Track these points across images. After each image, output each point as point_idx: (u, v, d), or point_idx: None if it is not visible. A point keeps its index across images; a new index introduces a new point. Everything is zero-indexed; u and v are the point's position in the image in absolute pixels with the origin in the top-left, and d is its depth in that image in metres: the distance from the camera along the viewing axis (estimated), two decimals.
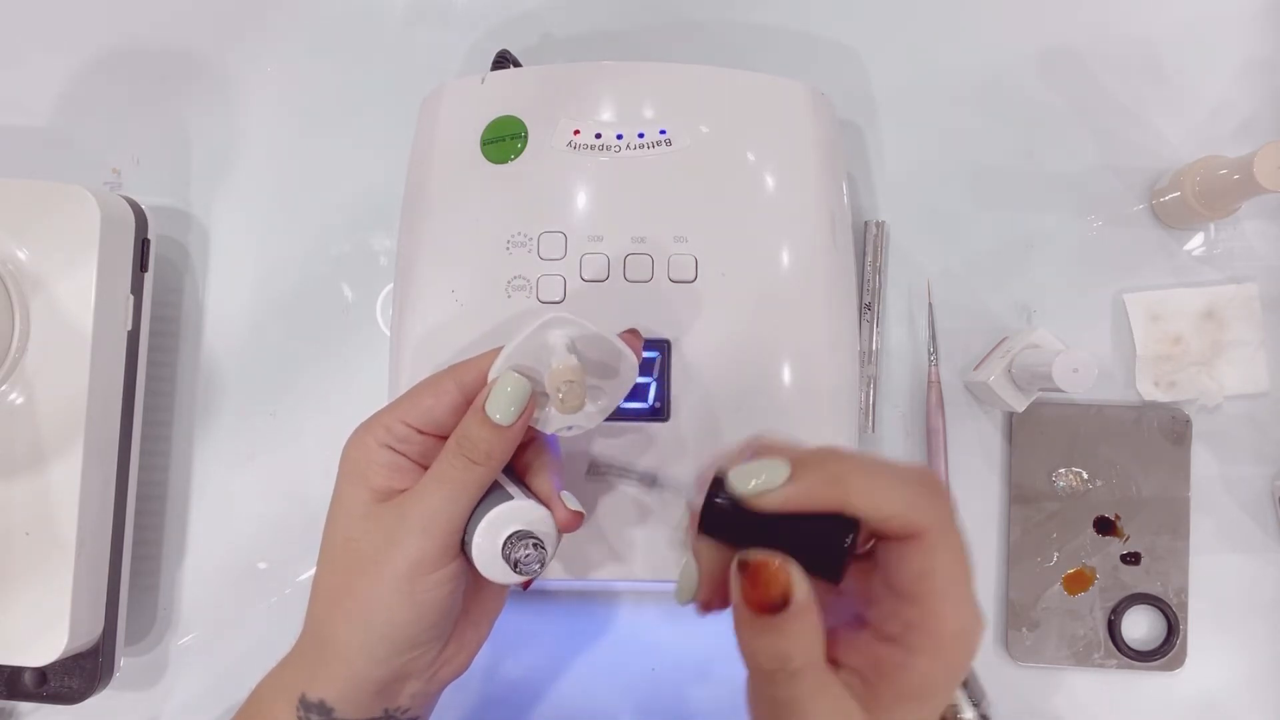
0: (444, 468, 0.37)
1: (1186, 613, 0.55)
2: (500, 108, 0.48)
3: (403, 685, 0.39)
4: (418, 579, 0.36)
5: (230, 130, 0.59)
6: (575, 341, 0.37)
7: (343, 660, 0.37)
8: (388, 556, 0.36)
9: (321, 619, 0.38)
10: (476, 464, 0.36)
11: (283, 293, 0.58)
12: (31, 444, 0.49)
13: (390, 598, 0.36)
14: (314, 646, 0.39)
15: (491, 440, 0.36)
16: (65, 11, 0.60)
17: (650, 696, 0.56)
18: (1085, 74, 0.58)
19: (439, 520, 0.36)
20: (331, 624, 0.38)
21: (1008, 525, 0.56)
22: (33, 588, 0.49)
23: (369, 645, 0.37)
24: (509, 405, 0.36)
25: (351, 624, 0.37)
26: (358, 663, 0.37)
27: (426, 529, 0.36)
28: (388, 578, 0.36)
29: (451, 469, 0.36)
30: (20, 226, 0.49)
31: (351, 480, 0.38)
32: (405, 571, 0.36)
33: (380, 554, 0.36)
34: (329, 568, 0.38)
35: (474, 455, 0.36)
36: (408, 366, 0.47)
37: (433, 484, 0.37)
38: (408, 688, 0.39)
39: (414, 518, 0.36)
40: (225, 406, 0.58)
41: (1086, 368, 0.49)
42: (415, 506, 0.36)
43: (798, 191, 0.48)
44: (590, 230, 0.46)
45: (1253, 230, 0.57)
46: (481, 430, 0.36)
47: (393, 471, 0.38)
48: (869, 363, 0.56)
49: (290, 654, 0.40)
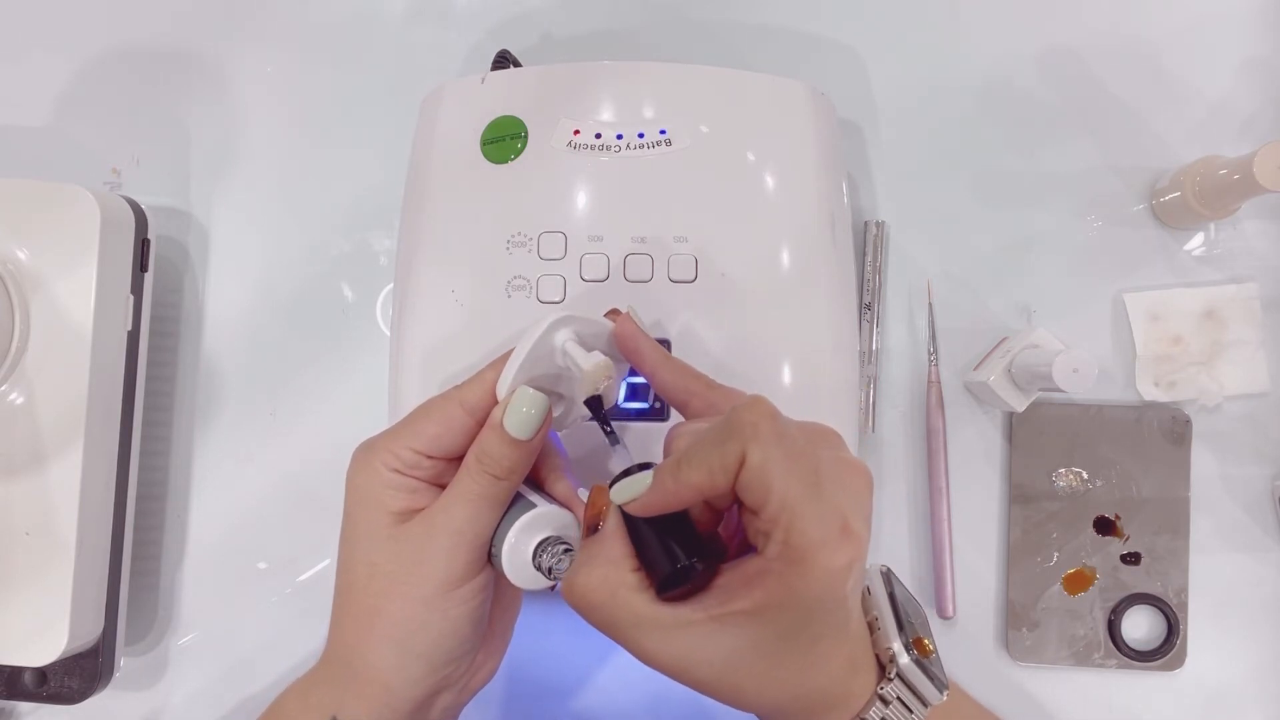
0: (467, 484, 0.37)
1: (1186, 613, 0.55)
2: (500, 108, 0.48)
3: (436, 699, 0.39)
4: (450, 595, 0.36)
5: (230, 130, 0.59)
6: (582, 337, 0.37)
7: (379, 683, 0.37)
8: (418, 576, 0.36)
9: (350, 644, 0.38)
10: (500, 479, 0.36)
11: (283, 292, 0.58)
12: (31, 444, 0.49)
13: (424, 616, 0.36)
14: (344, 669, 0.38)
15: (513, 456, 0.36)
16: (65, 11, 0.60)
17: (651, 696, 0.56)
18: (1085, 74, 0.58)
19: (466, 536, 0.36)
20: (363, 648, 0.37)
21: (1008, 525, 0.56)
22: (33, 588, 0.49)
23: (405, 666, 0.37)
24: (529, 420, 0.36)
25: (385, 646, 0.37)
26: (395, 684, 0.37)
27: (455, 546, 0.36)
28: (420, 597, 0.36)
29: (476, 484, 0.37)
30: (20, 226, 0.49)
31: (365, 505, 0.38)
32: (437, 589, 0.36)
33: (410, 574, 0.36)
34: (353, 592, 0.38)
35: (496, 471, 0.36)
36: (408, 366, 0.47)
37: (457, 502, 0.37)
38: (440, 701, 0.39)
39: (441, 536, 0.36)
40: (225, 406, 0.58)
41: (1086, 368, 0.49)
42: (442, 525, 0.37)
43: (798, 191, 0.48)
44: (590, 230, 0.46)
45: (1253, 230, 0.57)
46: (502, 447, 0.36)
47: (407, 494, 0.38)
48: (869, 363, 0.56)
49: (314, 674, 0.39)
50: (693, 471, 0.33)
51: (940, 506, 0.55)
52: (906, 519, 0.56)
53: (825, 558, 0.32)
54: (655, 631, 0.33)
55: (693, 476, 0.33)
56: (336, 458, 0.39)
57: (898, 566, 0.56)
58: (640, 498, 0.34)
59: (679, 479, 0.33)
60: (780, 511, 0.31)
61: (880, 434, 0.56)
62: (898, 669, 0.36)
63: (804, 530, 0.31)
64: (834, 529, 0.32)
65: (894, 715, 0.35)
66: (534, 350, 0.37)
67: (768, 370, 0.46)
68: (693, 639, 0.33)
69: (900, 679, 0.36)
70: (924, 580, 0.56)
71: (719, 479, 0.32)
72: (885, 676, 0.36)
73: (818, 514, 0.32)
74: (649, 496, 0.34)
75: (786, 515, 0.31)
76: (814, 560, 0.31)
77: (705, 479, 0.33)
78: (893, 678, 0.35)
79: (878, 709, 0.35)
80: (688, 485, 0.33)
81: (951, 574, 0.55)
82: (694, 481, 0.33)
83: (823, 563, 0.32)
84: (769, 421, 0.32)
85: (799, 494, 0.31)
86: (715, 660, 0.33)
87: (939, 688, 0.36)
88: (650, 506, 0.34)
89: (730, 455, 0.32)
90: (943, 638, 0.55)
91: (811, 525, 0.31)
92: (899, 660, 0.36)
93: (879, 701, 0.35)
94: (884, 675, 0.36)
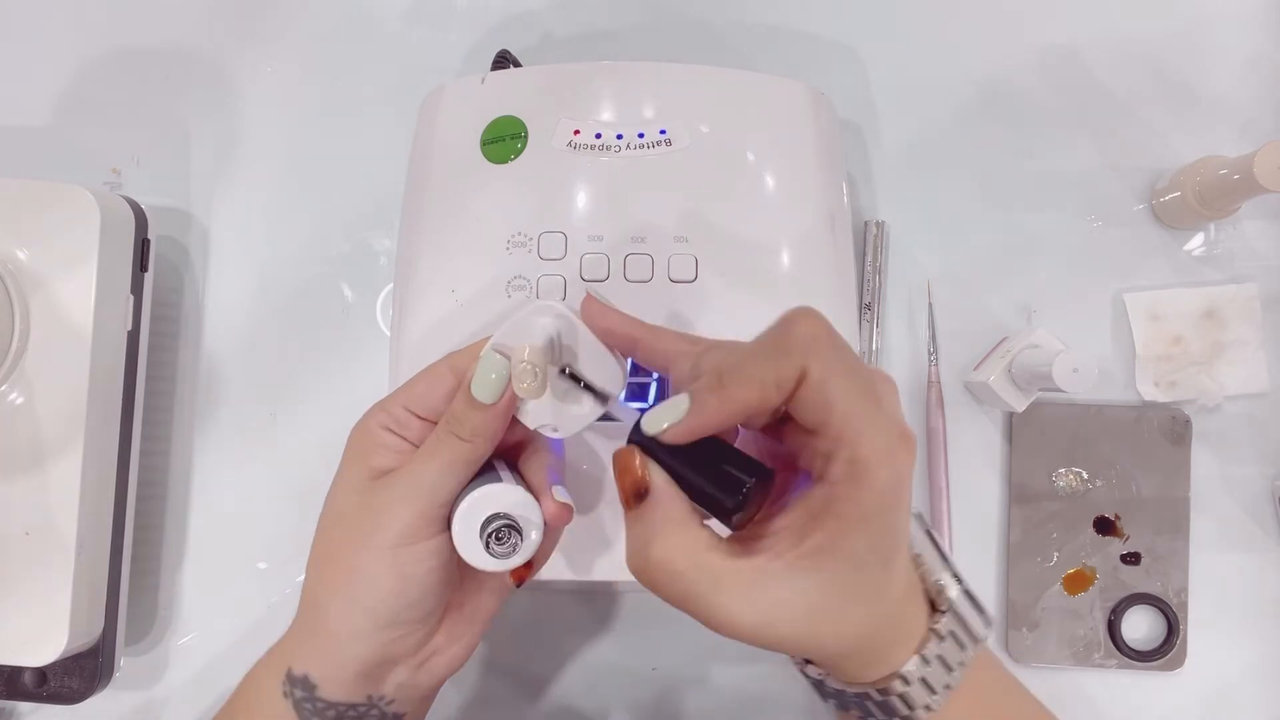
0: (433, 443, 0.37)
1: (1186, 613, 0.55)
2: (500, 108, 0.48)
3: (387, 671, 0.39)
4: (401, 551, 0.36)
5: (230, 130, 0.59)
6: (563, 335, 0.37)
7: (328, 633, 0.38)
8: (372, 526, 0.37)
9: (311, 591, 0.39)
10: (463, 440, 0.37)
11: (283, 292, 0.58)
12: (31, 444, 0.49)
13: (373, 568, 0.36)
14: (303, 620, 0.39)
15: (476, 418, 0.37)
16: (65, 11, 0.60)
17: (651, 696, 0.56)
18: (1085, 74, 0.58)
19: (424, 492, 0.37)
20: (317, 597, 0.38)
21: (1008, 525, 0.56)
22: (33, 588, 0.49)
23: (351, 616, 0.37)
24: (492, 385, 0.36)
25: (336, 595, 0.37)
26: (341, 635, 0.37)
27: (410, 499, 0.37)
28: (370, 547, 0.37)
29: (440, 444, 0.37)
30: (20, 226, 0.49)
31: (351, 459, 0.39)
32: (388, 542, 0.36)
33: (365, 524, 0.37)
34: (318, 542, 0.39)
35: (460, 432, 0.37)
36: (408, 367, 0.47)
37: (420, 458, 0.37)
38: (393, 675, 0.39)
39: (400, 488, 0.37)
40: (225, 406, 0.58)
41: (1086, 368, 0.49)
42: (402, 478, 0.37)
43: (798, 191, 0.48)
44: (590, 230, 0.46)
45: (1253, 230, 0.57)
46: (467, 410, 0.37)
47: (392, 452, 0.38)
48: (869, 363, 0.56)
49: (287, 631, 0.40)
50: (741, 388, 0.31)
51: (940, 506, 0.55)
52: None
53: (891, 467, 0.31)
54: (738, 592, 0.32)
55: (741, 393, 0.31)
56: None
57: None
58: (680, 422, 0.32)
59: (725, 397, 0.31)
60: (845, 427, 0.31)
61: None
62: (950, 601, 0.35)
63: (871, 443, 0.30)
64: (895, 437, 0.31)
65: (948, 652, 0.34)
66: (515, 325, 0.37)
67: None
68: (776, 592, 0.32)
69: (952, 612, 0.35)
70: None
71: (771, 395, 0.31)
72: (937, 610, 0.35)
73: (881, 426, 0.31)
74: (691, 420, 0.32)
75: (852, 431, 0.30)
76: (880, 472, 0.31)
77: (756, 395, 0.31)
78: (945, 610, 0.34)
79: (934, 645, 0.34)
80: (735, 402, 0.31)
81: None
82: (742, 398, 0.31)
83: (889, 473, 0.31)
84: (828, 335, 0.31)
85: (863, 409, 0.31)
86: (797, 611, 0.32)
87: (985, 623, 0.36)
88: (692, 431, 0.32)
89: (788, 370, 0.31)
90: None
91: (878, 437, 0.31)
92: (949, 592, 0.35)
93: (935, 637, 0.34)
94: (935, 610, 0.35)
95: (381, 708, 0.39)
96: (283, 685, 0.38)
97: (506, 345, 0.37)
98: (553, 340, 0.37)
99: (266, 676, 0.39)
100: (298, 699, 0.38)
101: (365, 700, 0.39)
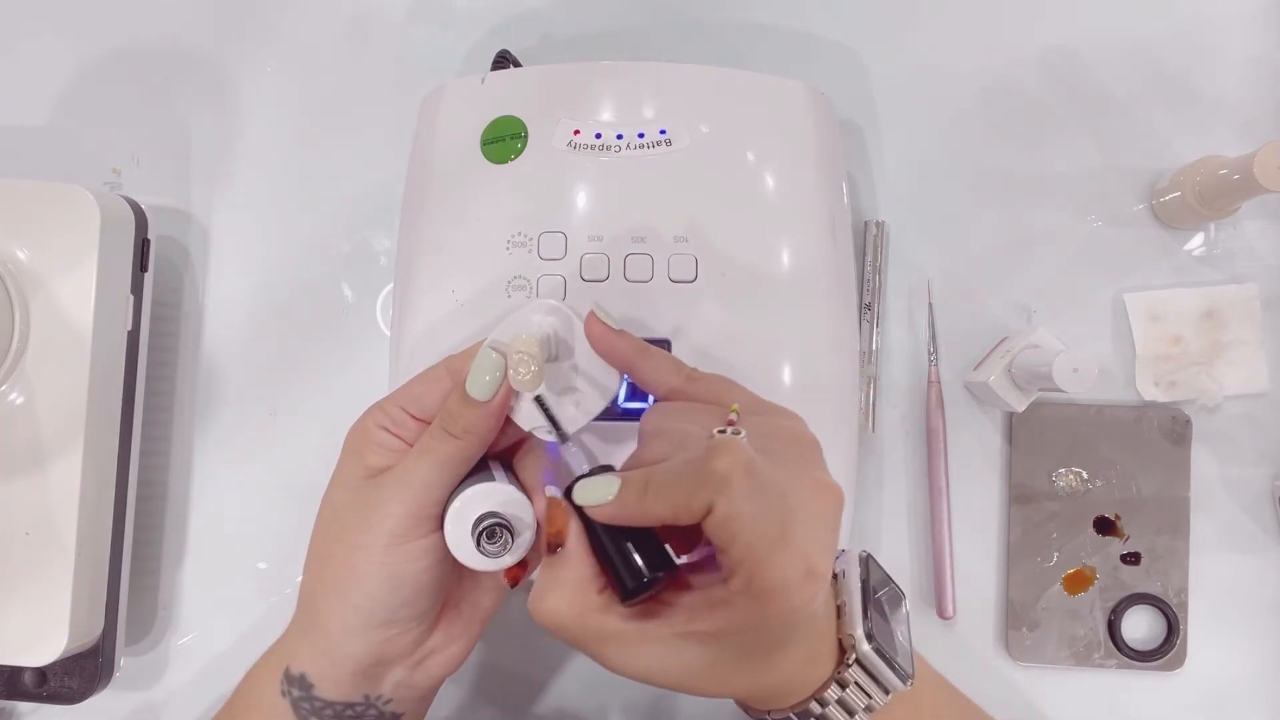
0: (427, 441, 0.38)
1: (1186, 613, 0.55)
2: (500, 108, 0.48)
3: (384, 671, 0.39)
4: (393, 549, 0.37)
5: (230, 130, 0.59)
6: (560, 332, 0.37)
7: (323, 631, 0.38)
8: (364, 523, 0.37)
9: (307, 589, 0.39)
10: (455, 437, 0.37)
11: (283, 292, 0.58)
12: (31, 444, 0.49)
13: (365, 566, 0.37)
14: (300, 619, 0.40)
15: (469, 415, 0.37)
16: (66, 11, 0.60)
17: (647, 698, 0.56)
18: (1085, 74, 0.58)
19: (417, 490, 0.37)
20: (312, 595, 0.39)
21: (1008, 525, 0.56)
22: (33, 588, 0.49)
23: (343, 614, 0.37)
24: (484, 381, 0.36)
25: (329, 592, 0.38)
26: (336, 633, 0.37)
27: (402, 497, 0.37)
28: (362, 545, 0.37)
29: (433, 441, 0.37)
30: (20, 226, 0.49)
31: (348, 459, 0.39)
32: (380, 540, 0.37)
33: (359, 521, 0.37)
34: (314, 540, 0.39)
35: (453, 429, 0.37)
36: (408, 367, 0.47)
37: (413, 456, 0.38)
38: (390, 675, 0.39)
39: (393, 486, 0.37)
40: (225, 406, 0.58)
41: (1086, 368, 0.49)
42: (396, 476, 0.37)
43: (798, 191, 0.48)
44: (590, 230, 0.46)
45: (1253, 230, 0.57)
46: (460, 407, 0.37)
47: (387, 451, 0.38)
48: (869, 363, 0.56)
49: (285, 629, 0.41)
50: (658, 502, 0.33)
51: (940, 506, 0.55)
52: (906, 519, 0.56)
53: (788, 599, 0.32)
54: (618, 647, 0.34)
55: (657, 507, 0.33)
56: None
57: (898, 566, 0.56)
58: (603, 506, 0.34)
59: (643, 504, 0.33)
60: (746, 558, 0.32)
61: (880, 434, 0.56)
62: (857, 655, 0.37)
63: (768, 577, 0.31)
64: (799, 574, 0.32)
65: (851, 698, 0.36)
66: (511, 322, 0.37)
67: (768, 370, 0.46)
68: (657, 652, 0.34)
69: (859, 664, 0.37)
70: (924, 580, 0.56)
71: (683, 517, 0.32)
72: (844, 662, 0.37)
73: (783, 562, 0.32)
74: (611, 509, 0.34)
75: (751, 562, 0.31)
76: (776, 601, 0.32)
77: (670, 514, 0.33)
78: (851, 663, 0.36)
79: (834, 690, 0.36)
80: (651, 514, 0.33)
81: (951, 574, 0.55)
82: (657, 512, 0.33)
83: (785, 603, 0.32)
84: (741, 474, 0.32)
85: (766, 544, 0.31)
86: (676, 670, 0.34)
87: (902, 677, 0.37)
88: (613, 518, 0.34)
89: (698, 501, 0.32)
90: (943, 638, 0.55)
91: (776, 572, 0.31)
92: (859, 647, 0.37)
93: (836, 685, 0.36)
94: (843, 660, 0.37)
95: (379, 707, 0.39)
96: (281, 684, 0.39)
97: (503, 342, 0.37)
98: (550, 335, 0.37)
99: (265, 675, 0.40)
100: (295, 698, 0.38)
101: (362, 700, 0.39)
